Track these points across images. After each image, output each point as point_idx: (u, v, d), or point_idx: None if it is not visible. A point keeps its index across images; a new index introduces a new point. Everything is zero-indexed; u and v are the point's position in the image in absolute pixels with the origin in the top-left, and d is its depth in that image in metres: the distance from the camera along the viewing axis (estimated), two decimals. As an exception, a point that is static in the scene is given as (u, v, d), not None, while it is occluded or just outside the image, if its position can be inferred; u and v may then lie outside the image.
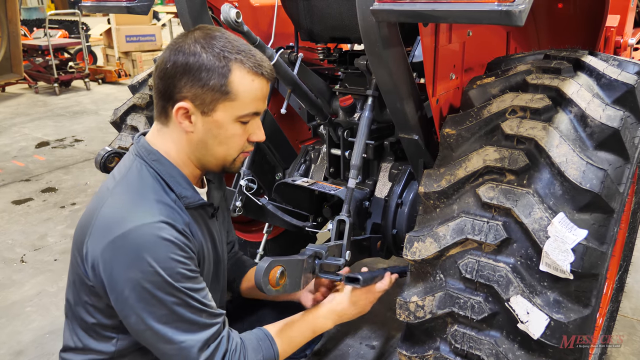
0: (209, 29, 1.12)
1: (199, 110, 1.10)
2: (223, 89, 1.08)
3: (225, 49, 1.09)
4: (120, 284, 1.03)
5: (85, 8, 1.83)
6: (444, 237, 1.20)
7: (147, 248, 1.01)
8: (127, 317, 1.06)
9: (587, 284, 1.10)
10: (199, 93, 1.08)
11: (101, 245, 1.04)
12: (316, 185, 1.77)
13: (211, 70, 1.07)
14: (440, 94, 1.43)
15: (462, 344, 1.18)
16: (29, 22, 11.58)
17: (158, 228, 1.03)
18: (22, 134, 5.78)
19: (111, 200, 1.09)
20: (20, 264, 2.99)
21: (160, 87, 1.11)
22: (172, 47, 1.10)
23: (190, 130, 1.12)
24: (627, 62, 1.35)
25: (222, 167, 1.21)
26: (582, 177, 1.12)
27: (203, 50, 1.07)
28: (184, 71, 1.07)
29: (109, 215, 1.07)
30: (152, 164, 1.14)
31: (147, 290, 1.02)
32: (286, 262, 1.17)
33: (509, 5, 0.91)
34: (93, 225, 1.07)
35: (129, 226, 1.02)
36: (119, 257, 1.02)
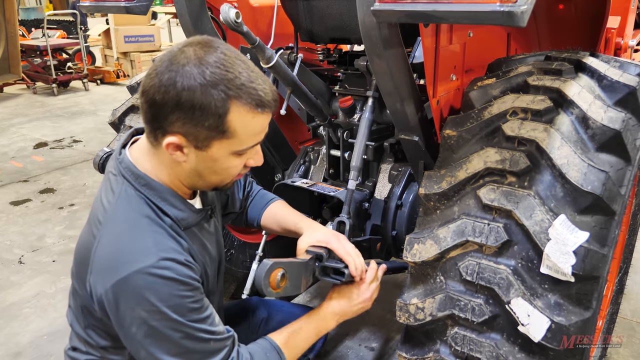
0: (206, 48, 0.98)
1: (192, 144, 1.01)
2: (219, 128, 0.98)
3: (223, 83, 0.95)
4: (127, 322, 1.01)
5: (84, 8, 1.82)
6: (445, 239, 1.19)
7: (150, 290, 0.98)
8: (136, 351, 1.05)
9: (588, 287, 1.10)
10: (191, 131, 0.98)
11: (103, 287, 1.01)
12: (316, 187, 1.76)
13: (206, 109, 0.95)
14: (440, 95, 1.42)
15: (462, 347, 1.18)
16: (27, 23, 11.57)
17: (159, 268, 0.99)
18: (21, 134, 5.76)
19: (106, 238, 1.04)
20: (19, 265, 2.98)
21: (147, 114, 1.00)
22: (159, 76, 0.96)
23: (181, 160, 1.04)
24: (629, 64, 1.35)
25: (215, 189, 1.17)
26: (583, 179, 1.11)
27: (197, 86, 0.94)
28: (176, 107, 0.95)
29: (107, 255, 1.02)
30: (142, 189, 1.07)
31: (154, 328, 1.00)
32: (287, 264, 1.17)
33: (511, 6, 0.90)
34: (92, 263, 1.04)
35: (129, 270, 0.98)
36: (122, 299, 1.00)
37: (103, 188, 1.13)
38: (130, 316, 1.00)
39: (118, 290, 0.99)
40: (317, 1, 1.64)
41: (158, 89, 0.96)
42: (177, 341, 1.02)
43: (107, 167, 1.17)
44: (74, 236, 3.32)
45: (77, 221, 3.54)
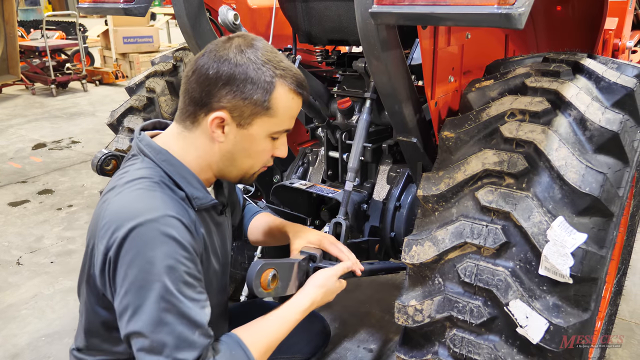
0: (252, 38, 1.10)
1: (235, 122, 1.08)
2: (265, 104, 1.08)
3: (270, 63, 1.07)
4: (120, 278, 0.98)
5: (83, 10, 1.82)
6: (443, 241, 1.19)
7: (149, 244, 0.97)
8: (122, 312, 0.99)
9: (587, 288, 1.10)
10: (239, 105, 1.06)
11: (107, 241, 1.00)
12: (314, 188, 1.76)
13: (256, 83, 1.06)
14: (439, 96, 1.42)
15: (460, 348, 1.18)
16: (26, 23, 11.56)
17: (163, 224, 0.99)
18: (19, 135, 5.75)
19: (116, 198, 1.05)
20: (17, 267, 2.97)
21: (195, 93, 1.07)
22: (215, 54, 1.07)
23: (220, 140, 1.10)
24: (626, 65, 1.35)
25: (241, 178, 1.20)
26: (581, 181, 1.11)
27: (249, 62, 1.06)
28: (228, 81, 1.05)
29: (114, 212, 1.02)
30: (161, 164, 1.10)
31: (143, 287, 0.96)
32: (278, 265, 1.16)
33: (508, 8, 0.90)
34: (100, 222, 1.04)
35: (132, 223, 0.98)
36: (122, 253, 0.98)
37: (113, 177, 1.15)
38: (124, 271, 0.97)
39: (120, 243, 0.98)
40: (316, 3, 1.64)
41: (211, 64, 1.05)
42: (159, 309, 0.95)
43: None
44: (72, 237, 3.32)
45: (76, 222, 3.54)
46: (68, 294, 2.66)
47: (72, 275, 2.82)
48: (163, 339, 0.95)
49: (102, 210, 1.06)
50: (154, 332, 0.95)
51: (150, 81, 2.17)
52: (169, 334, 0.95)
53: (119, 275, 0.98)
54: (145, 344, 0.95)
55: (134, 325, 0.96)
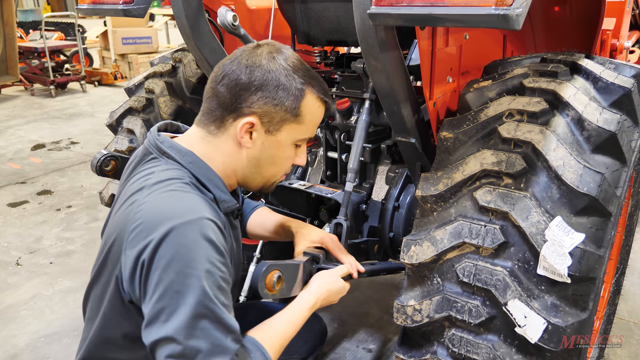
0: (280, 46, 1.12)
1: (264, 128, 1.09)
2: (295, 111, 1.09)
3: (301, 71, 1.10)
4: (155, 280, 0.93)
5: (82, 11, 1.82)
6: (442, 241, 1.20)
7: (188, 247, 0.94)
8: (154, 317, 0.94)
9: (585, 288, 1.10)
10: (270, 111, 1.07)
11: (141, 244, 0.95)
12: (313, 189, 1.76)
13: (288, 90, 1.07)
14: (437, 97, 1.43)
15: (459, 348, 1.18)
16: (25, 24, 11.56)
17: (201, 226, 0.96)
18: (18, 136, 5.75)
19: (149, 199, 1.00)
20: (16, 267, 2.97)
21: (225, 97, 1.07)
22: (246, 60, 1.07)
23: (247, 145, 1.10)
24: (624, 66, 1.35)
25: (262, 187, 1.20)
26: (579, 181, 1.12)
27: (282, 69, 1.07)
28: (261, 86, 1.06)
29: (149, 213, 0.98)
30: (188, 165, 1.08)
31: (180, 291, 0.92)
32: (283, 266, 1.17)
33: (506, 9, 0.91)
34: (132, 225, 0.98)
35: (170, 225, 0.94)
36: (159, 254, 0.93)
37: (133, 179, 1.10)
38: (159, 275, 0.93)
39: (156, 245, 0.93)
40: (314, 4, 1.65)
41: (244, 69, 1.06)
42: (196, 314, 0.92)
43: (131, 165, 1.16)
44: (71, 238, 3.32)
45: (75, 223, 3.54)
46: (67, 295, 2.66)
47: (72, 276, 2.82)
48: (197, 345, 0.92)
49: (130, 212, 1.01)
50: (188, 338, 0.91)
51: (149, 82, 2.17)
52: (205, 339, 0.92)
53: (153, 279, 0.93)
54: (177, 350, 0.91)
55: (166, 330, 0.92)
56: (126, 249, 0.98)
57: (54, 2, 20.90)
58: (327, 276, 1.25)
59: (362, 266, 1.36)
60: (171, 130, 1.25)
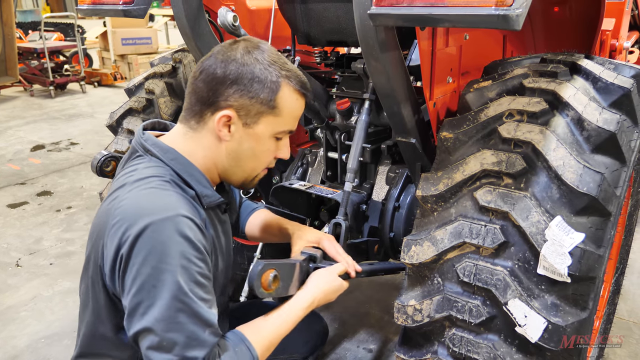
0: (257, 41, 1.14)
1: (242, 121, 1.11)
2: (271, 103, 1.11)
3: (276, 64, 1.11)
4: (132, 276, 0.97)
5: (82, 11, 1.82)
6: (442, 241, 1.20)
7: (164, 243, 0.96)
8: (133, 311, 0.98)
9: (585, 287, 1.11)
10: (246, 104, 1.09)
11: (119, 238, 0.99)
12: (313, 189, 1.77)
13: (263, 83, 1.09)
14: (437, 97, 1.43)
15: (460, 348, 1.18)
16: (25, 25, 11.56)
17: (178, 223, 0.99)
18: (17, 137, 5.75)
19: (129, 196, 1.04)
20: (16, 268, 2.97)
21: (202, 92, 1.10)
22: (222, 55, 1.10)
23: (226, 139, 1.12)
24: (623, 66, 1.36)
25: (244, 181, 1.22)
26: (579, 181, 1.12)
27: (256, 62, 1.09)
28: (236, 80, 1.08)
29: (128, 209, 1.01)
30: (170, 162, 1.11)
31: (156, 286, 0.95)
32: (279, 265, 1.17)
33: (506, 9, 0.91)
34: (112, 219, 1.02)
35: (147, 221, 0.97)
36: (135, 250, 0.97)
37: (119, 176, 1.14)
38: (136, 269, 0.96)
39: (133, 241, 0.97)
40: (314, 4, 1.65)
41: (220, 64, 1.08)
42: (172, 308, 0.96)
43: (122, 164, 1.19)
44: (71, 239, 3.31)
45: (75, 224, 3.54)
46: (67, 296, 2.66)
47: (72, 277, 2.82)
48: (174, 337, 0.95)
49: (112, 207, 1.05)
50: (165, 331, 0.95)
51: (149, 82, 2.18)
52: (181, 332, 0.96)
53: (130, 273, 0.97)
54: (155, 342, 0.95)
55: (144, 322, 0.96)
56: (107, 243, 1.02)
57: (53, 2, 20.90)
58: (324, 275, 1.26)
59: (361, 266, 1.36)
60: (159, 128, 1.27)
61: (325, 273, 1.26)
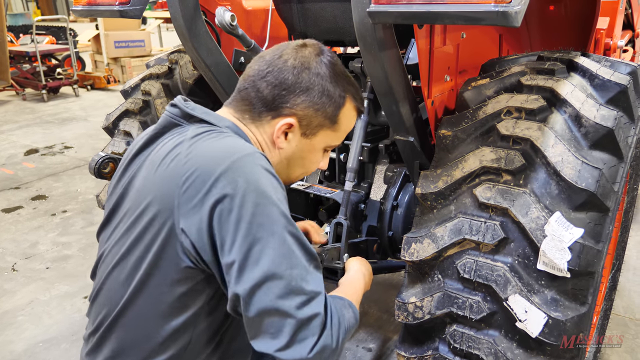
0: (323, 47, 1.11)
1: (302, 130, 1.08)
2: (334, 118, 1.09)
3: (344, 78, 1.10)
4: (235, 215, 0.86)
5: (77, 12, 1.81)
6: (442, 238, 1.21)
7: (259, 174, 0.90)
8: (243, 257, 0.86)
9: (584, 282, 1.11)
10: (310, 115, 1.06)
11: (201, 195, 0.88)
12: (311, 189, 1.77)
13: (331, 97, 1.07)
14: (435, 95, 1.44)
15: (461, 344, 1.19)
16: (15, 29, 11.46)
17: (258, 158, 0.93)
18: (10, 141, 5.70)
19: (195, 147, 0.94)
20: (11, 273, 2.94)
21: (266, 92, 1.04)
22: (293, 58, 1.05)
23: (282, 146, 1.09)
24: (619, 63, 1.37)
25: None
26: (577, 177, 1.13)
27: (329, 75, 1.06)
28: (306, 89, 1.04)
29: (201, 158, 0.92)
30: (230, 127, 1.03)
31: (262, 218, 0.86)
32: None
33: (505, 6, 0.92)
34: (181, 186, 0.90)
35: (236, 156, 0.90)
36: (229, 196, 0.87)
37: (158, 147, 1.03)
38: (237, 213, 0.86)
39: (222, 184, 0.88)
40: (311, 4, 1.65)
41: (291, 69, 1.04)
42: (287, 243, 0.88)
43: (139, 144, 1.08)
44: (67, 242, 3.29)
45: (70, 227, 3.51)
46: (64, 300, 2.63)
47: (68, 281, 2.80)
48: (299, 274, 0.87)
49: (175, 167, 0.94)
50: (290, 267, 0.87)
51: (145, 84, 2.17)
52: (301, 268, 0.88)
53: (230, 220, 0.87)
54: (282, 286, 0.85)
55: (264, 267, 0.85)
56: (181, 205, 0.90)
57: (44, 6, 20.77)
58: (360, 260, 1.32)
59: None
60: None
61: (356, 260, 1.32)
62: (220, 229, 0.88)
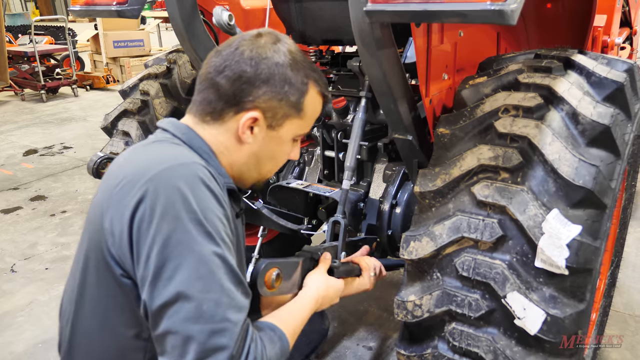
0: (281, 36, 1.06)
1: (267, 122, 1.04)
2: (298, 106, 1.06)
3: (306, 64, 1.06)
4: (154, 229, 0.84)
5: (75, 12, 1.81)
6: (440, 236, 1.21)
7: (187, 184, 0.87)
8: (157, 273, 0.83)
9: (582, 279, 1.12)
10: (274, 106, 1.03)
11: (125, 202, 0.87)
12: (311, 188, 1.77)
13: (293, 85, 1.03)
14: (433, 94, 1.44)
15: (460, 342, 1.19)
16: (14, 29, 11.46)
17: (195, 169, 0.90)
18: (9, 142, 5.70)
19: (133, 157, 0.96)
20: (11, 274, 2.95)
21: (225, 89, 1.00)
22: (249, 50, 1.00)
23: (248, 141, 1.05)
24: (616, 60, 1.37)
25: (256, 183, 1.16)
26: (575, 174, 1.13)
27: (289, 62, 1.02)
28: (267, 80, 1.01)
29: (137, 166, 0.91)
30: (182, 136, 1.02)
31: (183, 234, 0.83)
32: (282, 264, 1.17)
33: (501, 4, 0.92)
34: (112, 192, 0.91)
35: (162, 166, 0.88)
36: (153, 197, 0.85)
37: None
38: (156, 225, 0.84)
39: (145, 192, 0.86)
40: (309, 3, 1.65)
41: (248, 61, 0.99)
42: (208, 263, 0.84)
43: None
44: (66, 243, 3.29)
45: (69, 228, 3.52)
46: (64, 300, 2.64)
47: (68, 281, 2.81)
48: (215, 298, 0.83)
49: (114, 173, 0.96)
50: (205, 291, 0.83)
51: (144, 84, 2.17)
52: (221, 292, 0.84)
53: (148, 232, 0.85)
54: (192, 309, 0.81)
55: (176, 286, 0.82)
56: (112, 212, 0.90)
57: (43, 6, 20.75)
58: (319, 275, 1.25)
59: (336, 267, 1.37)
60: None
61: (317, 274, 1.25)
62: (138, 239, 0.86)
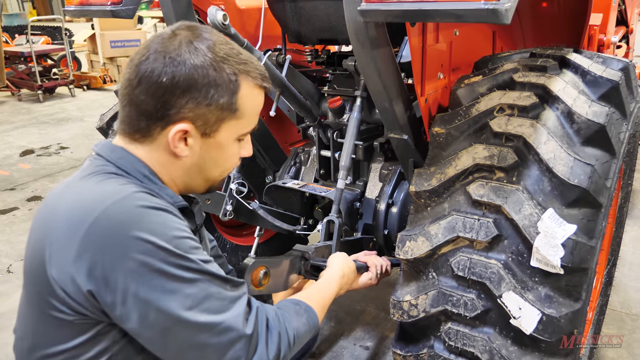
0: (201, 30, 0.94)
1: (200, 131, 0.93)
2: (232, 106, 0.94)
3: (231, 58, 0.93)
4: (120, 282, 0.80)
5: (69, 12, 1.81)
6: (436, 236, 1.21)
7: (136, 222, 0.82)
8: (142, 319, 0.83)
9: (578, 278, 1.12)
10: (203, 113, 0.91)
11: (72, 249, 0.82)
12: (307, 187, 1.77)
13: (220, 86, 0.91)
14: (428, 93, 1.44)
15: (456, 341, 1.19)
16: (10, 29, 11.42)
17: (136, 198, 0.85)
18: (6, 142, 5.68)
19: (66, 200, 0.89)
20: (7, 275, 2.94)
21: (145, 105, 0.90)
22: (163, 55, 0.89)
23: (184, 154, 0.94)
24: (612, 59, 1.37)
25: (209, 188, 1.07)
26: (570, 173, 1.13)
27: (209, 61, 0.90)
28: (188, 87, 0.89)
29: (68, 210, 0.86)
30: (117, 161, 0.93)
31: (158, 271, 0.81)
32: (270, 262, 1.17)
33: (495, 3, 0.92)
34: (52, 234, 0.85)
35: (99, 209, 0.82)
36: (103, 251, 0.80)
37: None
38: (121, 270, 0.80)
39: (92, 240, 0.80)
40: (305, 2, 1.65)
41: (162, 70, 0.88)
42: (191, 284, 0.84)
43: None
44: (63, 243, 3.29)
45: (66, 228, 3.51)
46: (60, 301, 2.63)
47: (64, 282, 2.80)
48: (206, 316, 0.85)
49: (49, 214, 0.89)
50: (193, 309, 0.84)
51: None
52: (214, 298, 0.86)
53: (112, 275, 0.81)
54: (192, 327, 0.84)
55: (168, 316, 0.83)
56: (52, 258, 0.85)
57: (40, 6, 20.70)
58: (340, 255, 1.33)
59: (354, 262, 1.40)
60: None
61: (338, 255, 1.33)
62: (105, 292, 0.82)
